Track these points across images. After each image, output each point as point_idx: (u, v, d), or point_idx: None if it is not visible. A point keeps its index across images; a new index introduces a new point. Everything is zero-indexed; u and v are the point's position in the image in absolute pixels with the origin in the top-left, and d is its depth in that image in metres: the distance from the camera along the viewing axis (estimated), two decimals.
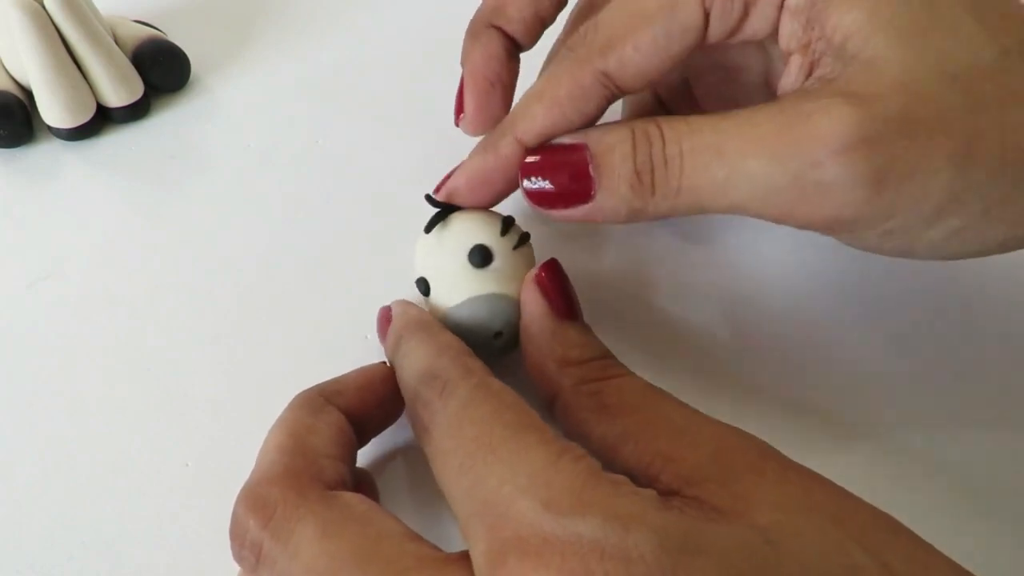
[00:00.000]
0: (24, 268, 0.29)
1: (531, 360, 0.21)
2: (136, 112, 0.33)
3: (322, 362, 0.22)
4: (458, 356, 0.19)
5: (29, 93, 0.33)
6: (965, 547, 0.16)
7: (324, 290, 0.28)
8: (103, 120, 0.33)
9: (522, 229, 0.23)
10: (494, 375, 0.19)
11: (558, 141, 0.21)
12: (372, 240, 0.29)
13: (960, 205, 0.18)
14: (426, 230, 0.23)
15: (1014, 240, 0.19)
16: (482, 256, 0.22)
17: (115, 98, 0.33)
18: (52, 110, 0.32)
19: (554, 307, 0.21)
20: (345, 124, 0.34)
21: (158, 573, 0.21)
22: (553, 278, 0.21)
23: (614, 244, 0.28)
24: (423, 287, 0.23)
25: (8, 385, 0.25)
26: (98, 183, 0.32)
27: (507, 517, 0.15)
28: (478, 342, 0.21)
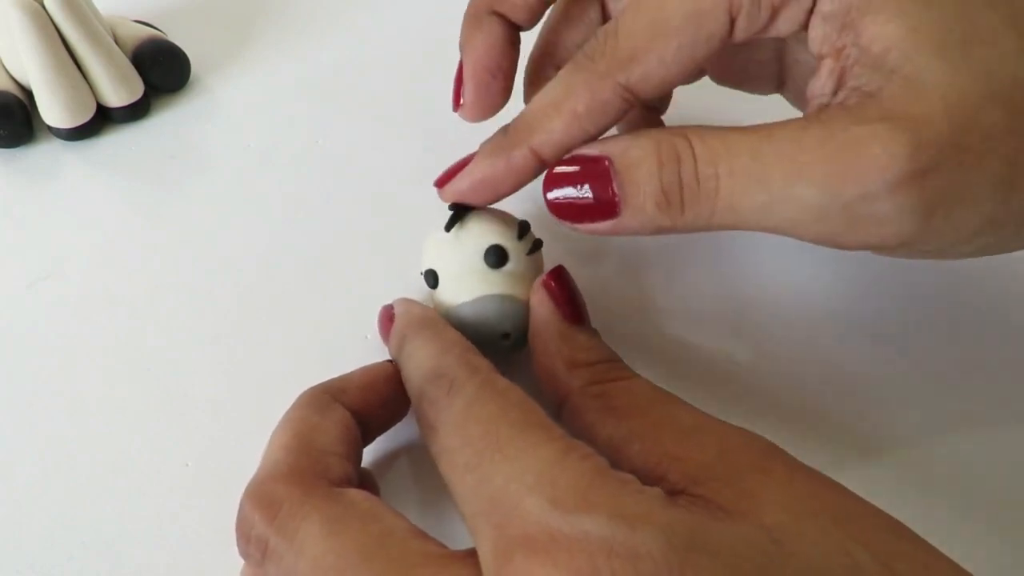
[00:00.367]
0: (24, 268, 0.29)
1: (540, 363, 0.21)
2: (136, 112, 0.33)
3: (322, 362, 0.22)
4: (464, 354, 0.19)
5: (29, 93, 0.33)
6: (966, 549, 0.16)
7: (324, 290, 0.27)
8: (103, 120, 0.33)
9: (535, 235, 0.23)
10: (499, 373, 0.19)
11: (580, 152, 0.20)
12: (372, 240, 0.29)
13: (997, 227, 0.18)
14: (447, 228, 0.23)
15: None
16: (498, 257, 0.22)
17: (115, 98, 0.33)
18: (52, 110, 0.32)
19: (563, 311, 0.21)
20: (345, 124, 0.33)
21: (158, 573, 0.21)
22: (561, 284, 0.22)
23: (616, 250, 0.28)
24: (431, 279, 0.23)
25: (8, 385, 0.25)
26: (98, 183, 0.32)
27: (514, 514, 0.15)
28: (484, 341, 0.21)
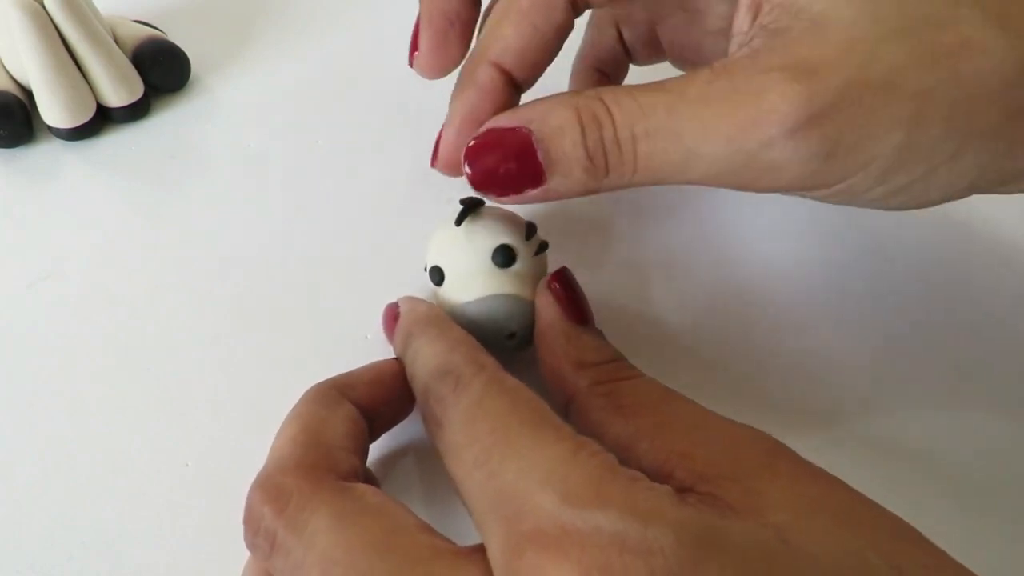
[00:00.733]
0: (24, 268, 0.29)
1: (547, 363, 0.21)
2: (136, 112, 0.33)
3: (322, 362, 0.22)
4: (470, 352, 0.19)
5: (29, 93, 0.33)
6: (957, 540, 0.16)
7: (324, 290, 0.27)
8: (103, 120, 0.33)
9: (541, 237, 0.23)
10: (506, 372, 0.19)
11: (497, 124, 0.20)
12: (372, 240, 0.29)
13: (906, 166, 0.18)
14: (457, 223, 0.23)
15: (957, 193, 0.19)
16: (506, 256, 0.22)
17: (115, 98, 0.33)
18: (52, 110, 0.32)
19: (568, 312, 0.21)
20: (345, 124, 0.33)
21: (158, 573, 0.21)
22: (566, 285, 0.22)
23: (618, 251, 0.28)
24: (437, 276, 0.23)
25: (8, 385, 0.25)
26: (98, 183, 0.32)
27: (525, 510, 0.15)
28: (489, 340, 0.21)
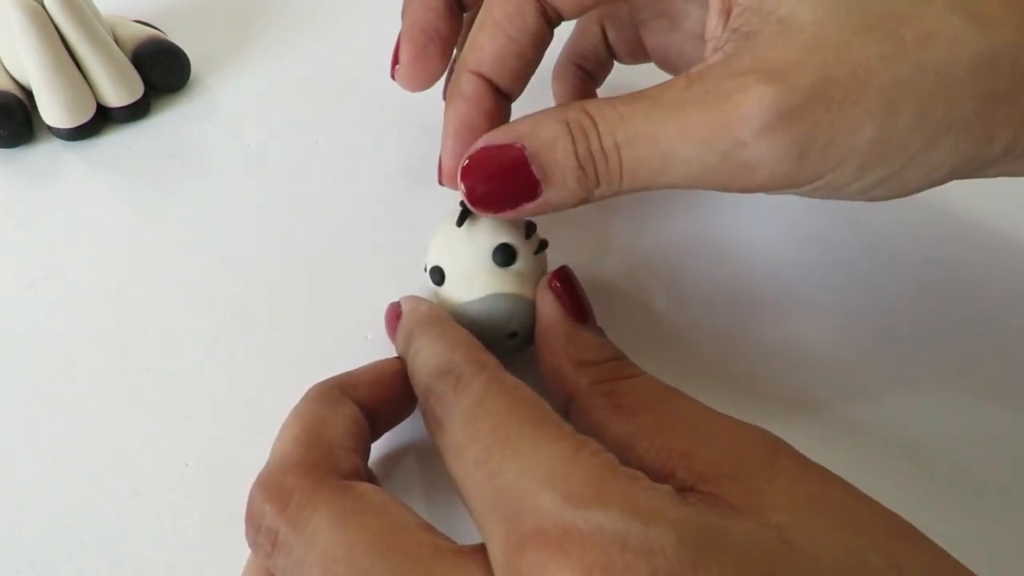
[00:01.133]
0: (24, 268, 0.29)
1: (547, 362, 0.21)
2: (136, 112, 0.33)
3: (322, 362, 0.22)
4: (471, 351, 0.19)
5: (29, 93, 0.33)
6: (956, 538, 0.16)
7: (324, 290, 0.27)
8: (103, 120, 0.33)
9: (541, 236, 0.23)
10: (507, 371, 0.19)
11: (489, 142, 0.20)
12: (372, 240, 0.29)
13: (883, 159, 0.18)
14: (458, 223, 0.23)
15: (937, 180, 0.19)
16: (506, 255, 0.22)
17: (115, 98, 0.33)
18: (52, 110, 0.32)
19: (569, 311, 0.21)
20: (345, 124, 0.33)
21: (158, 573, 0.21)
22: (567, 283, 0.22)
23: (618, 251, 0.28)
24: (437, 276, 0.23)
25: (8, 385, 0.25)
26: (98, 183, 0.32)
27: (526, 509, 0.15)
28: (490, 340, 0.21)
